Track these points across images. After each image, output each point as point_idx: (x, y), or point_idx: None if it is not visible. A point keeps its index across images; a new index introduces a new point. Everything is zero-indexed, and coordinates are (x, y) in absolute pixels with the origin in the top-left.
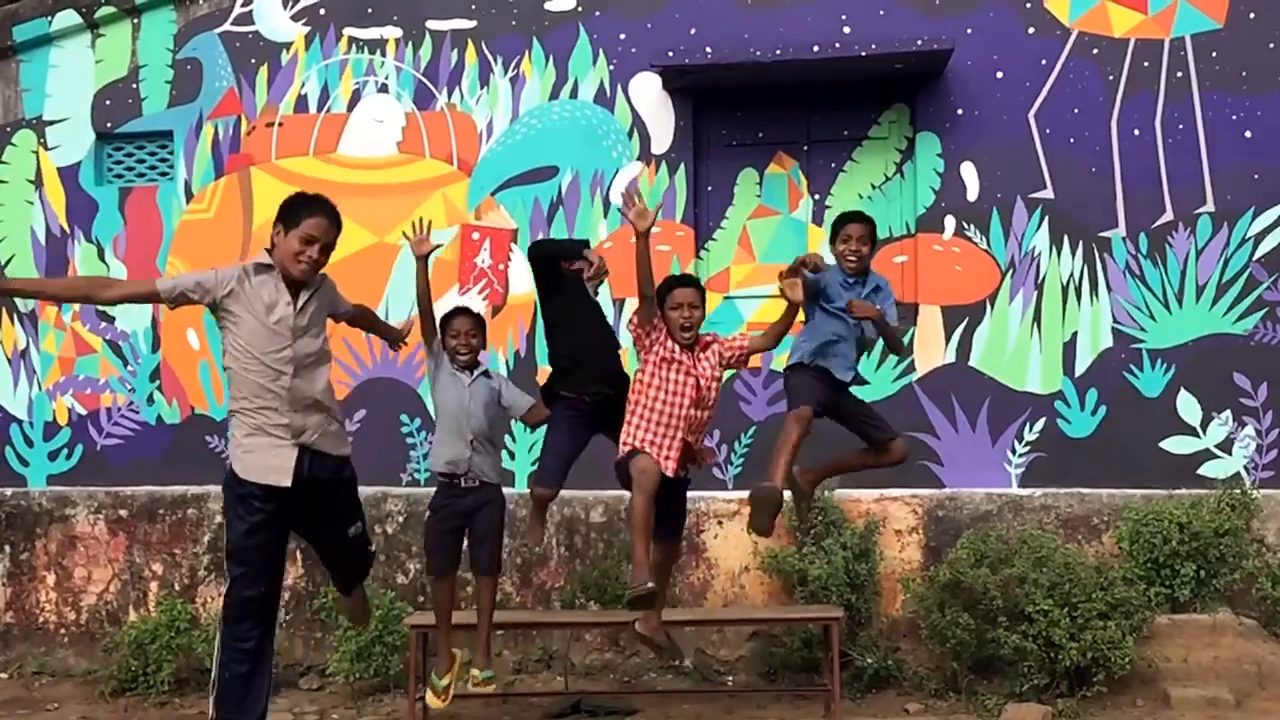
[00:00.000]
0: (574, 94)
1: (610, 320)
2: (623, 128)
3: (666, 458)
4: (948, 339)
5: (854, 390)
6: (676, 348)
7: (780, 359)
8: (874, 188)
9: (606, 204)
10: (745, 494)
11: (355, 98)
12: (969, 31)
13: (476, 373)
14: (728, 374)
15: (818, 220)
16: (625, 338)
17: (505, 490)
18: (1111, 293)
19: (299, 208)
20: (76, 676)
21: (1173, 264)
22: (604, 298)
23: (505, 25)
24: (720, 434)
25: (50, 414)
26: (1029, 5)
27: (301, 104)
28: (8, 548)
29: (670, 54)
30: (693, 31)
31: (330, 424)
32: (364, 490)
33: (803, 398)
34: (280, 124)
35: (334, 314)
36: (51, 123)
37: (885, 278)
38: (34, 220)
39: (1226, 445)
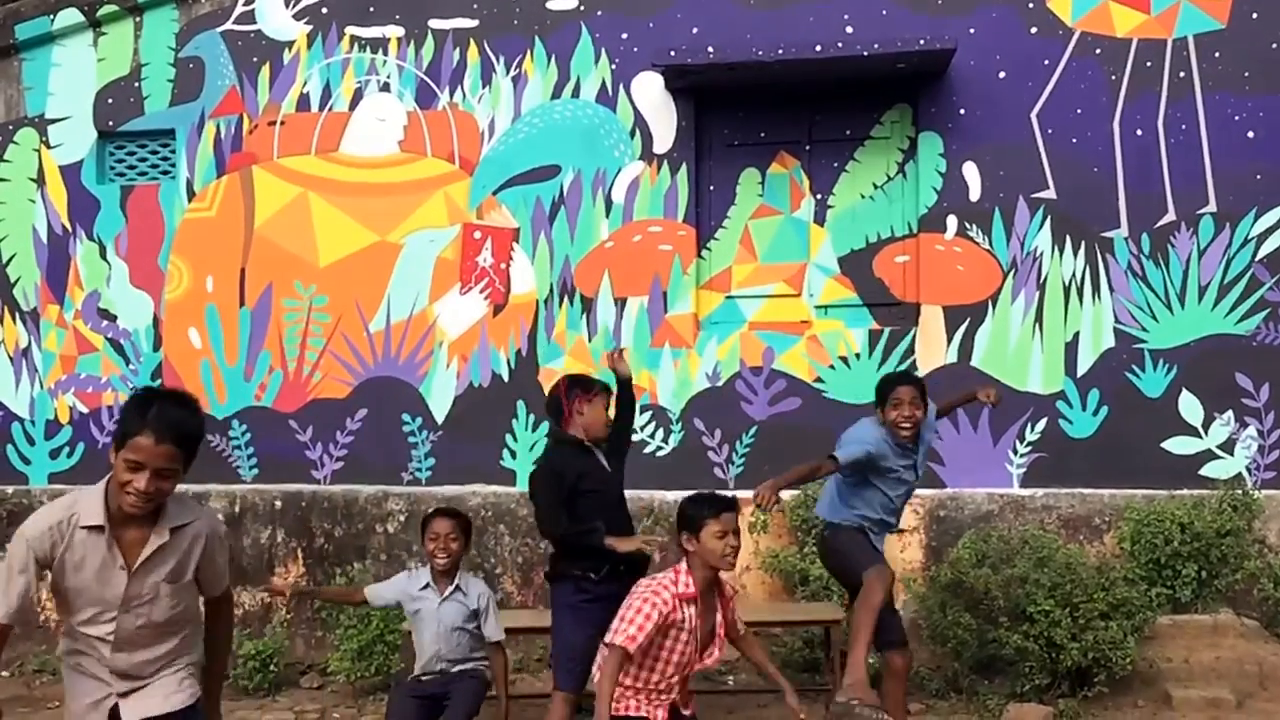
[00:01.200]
0: (576, 93)
1: (612, 323)
2: (624, 127)
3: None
4: (949, 339)
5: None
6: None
7: (784, 359)
8: (876, 187)
9: (608, 203)
10: (745, 493)
11: (357, 97)
12: (971, 31)
13: (449, 589)
14: (729, 373)
15: (819, 220)
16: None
17: (506, 489)
18: (1113, 293)
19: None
20: None
21: (1175, 264)
22: (604, 296)
23: (507, 24)
24: (721, 434)
25: (52, 412)
26: (1031, 5)
27: (303, 103)
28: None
29: (672, 53)
30: (695, 31)
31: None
32: (365, 489)
33: (871, 555)
34: (282, 123)
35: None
36: (53, 121)
37: (931, 415)
38: (36, 219)
39: (1228, 446)
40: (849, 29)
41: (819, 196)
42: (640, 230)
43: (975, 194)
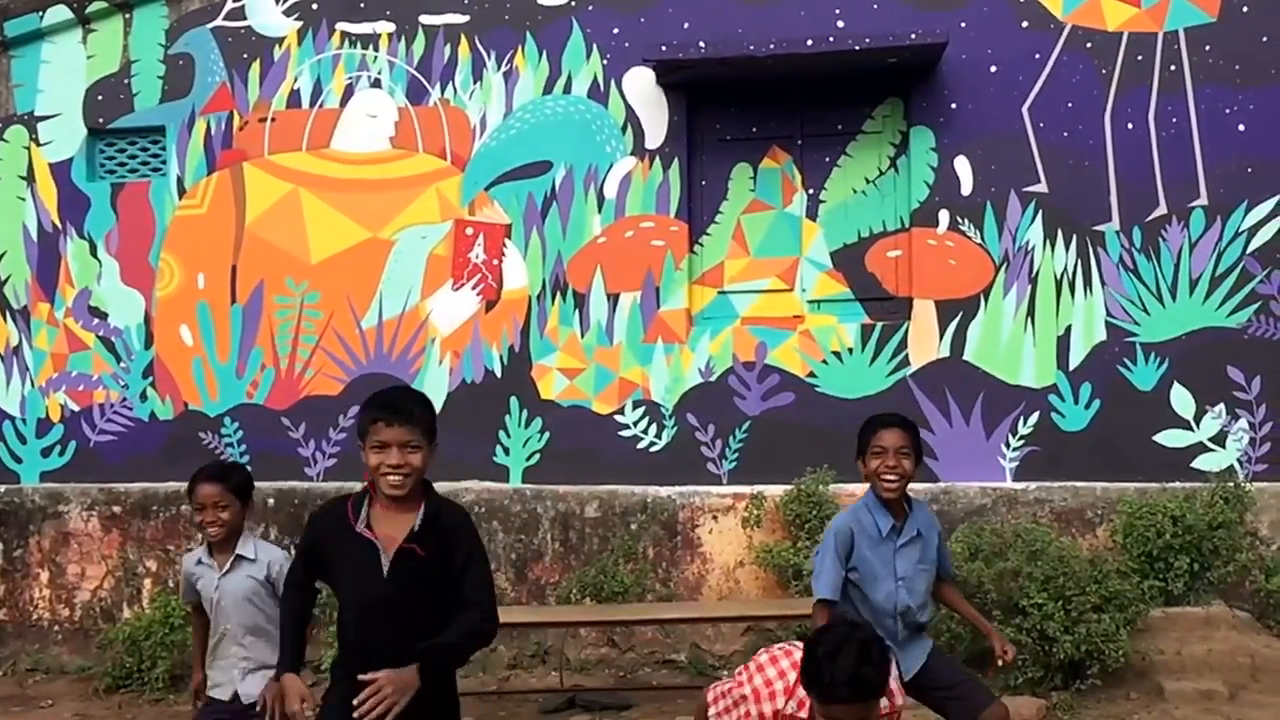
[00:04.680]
0: (567, 88)
1: (604, 318)
2: (616, 122)
3: None
4: (942, 333)
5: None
6: None
7: (777, 353)
8: (868, 182)
9: (600, 199)
10: (739, 488)
11: (348, 93)
12: (962, 25)
13: (230, 561)
14: (722, 368)
15: (811, 215)
16: None
17: (499, 485)
18: (1105, 286)
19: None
20: (71, 673)
21: (1166, 257)
22: (598, 291)
23: (498, 19)
24: (714, 429)
25: (43, 410)
26: None
27: (294, 99)
28: (1, 544)
29: (664, 48)
30: (686, 26)
31: None
32: (358, 486)
33: None
34: (273, 119)
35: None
36: (43, 118)
37: (931, 513)
38: (26, 216)
39: (1220, 438)
40: (840, 23)
41: (811, 191)
42: (632, 226)
43: (967, 188)
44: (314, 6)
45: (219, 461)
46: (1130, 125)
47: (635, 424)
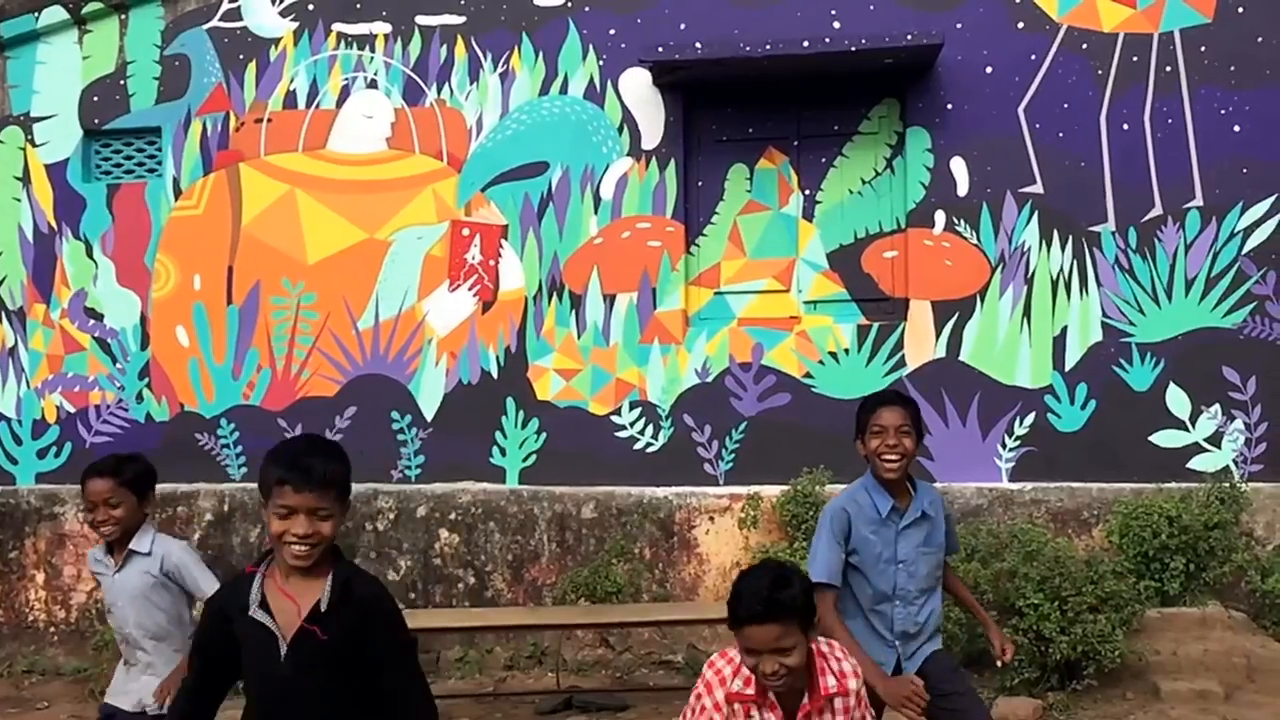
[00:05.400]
0: (564, 89)
1: (601, 319)
2: (613, 123)
3: None
4: (938, 334)
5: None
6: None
7: (773, 354)
8: (864, 183)
9: (597, 199)
10: (736, 489)
11: (344, 93)
12: (958, 26)
13: (125, 556)
14: (718, 369)
15: (808, 215)
16: None
17: (496, 486)
18: (1101, 287)
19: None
20: (66, 675)
21: (1162, 258)
22: (593, 292)
23: (495, 20)
24: (710, 430)
25: (39, 412)
26: (1018, 0)
27: (290, 100)
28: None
29: (660, 49)
30: (683, 26)
31: None
32: (354, 487)
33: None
34: (269, 120)
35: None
36: (39, 119)
37: (936, 492)
38: (22, 218)
39: (1215, 439)
40: (836, 24)
41: (807, 192)
42: (629, 226)
43: (963, 189)
44: (310, 7)
45: (114, 455)
46: (1126, 126)
47: (632, 425)
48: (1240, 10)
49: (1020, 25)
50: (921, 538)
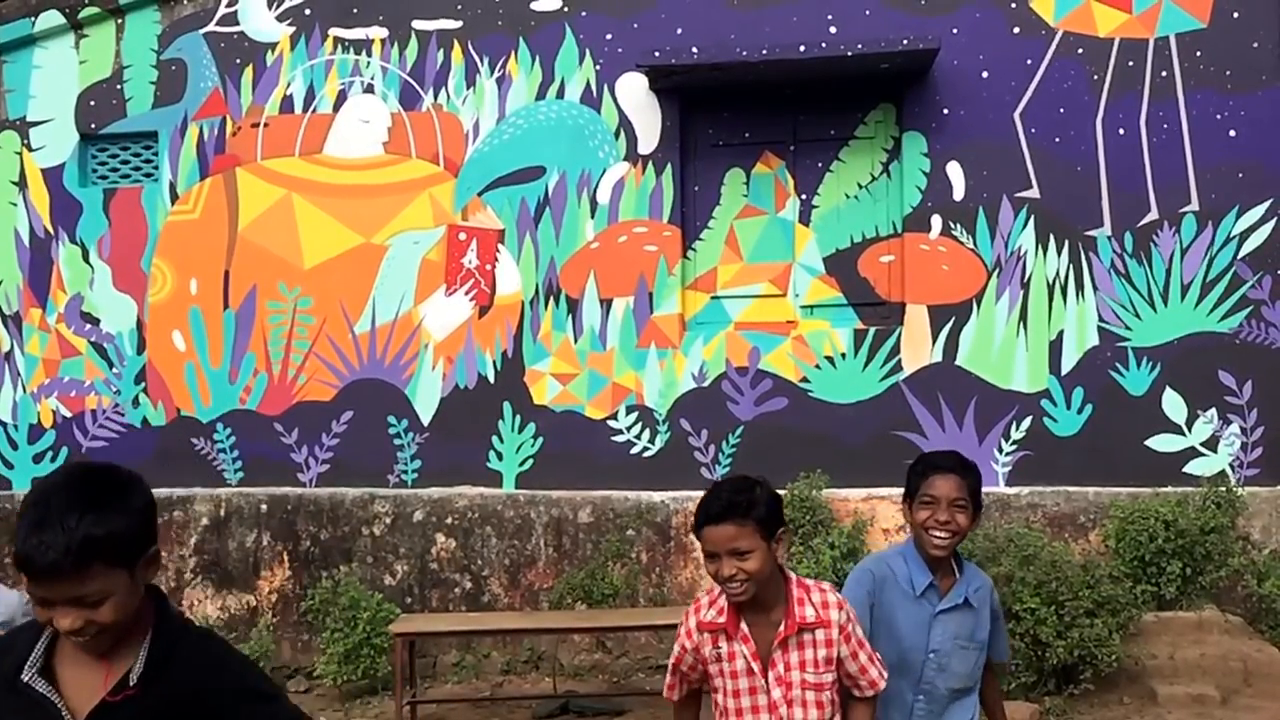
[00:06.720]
0: (560, 94)
1: (598, 323)
2: (609, 128)
3: None
4: (934, 338)
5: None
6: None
7: (770, 358)
8: (860, 187)
9: (593, 204)
10: None
11: (341, 98)
12: (954, 31)
13: None
14: (715, 373)
15: (804, 220)
16: None
17: (493, 490)
18: (1097, 291)
19: None
20: None
21: (1158, 262)
22: (590, 297)
23: (491, 25)
24: (707, 434)
25: (35, 416)
26: (1014, 5)
27: (287, 104)
28: None
29: (657, 54)
30: (679, 31)
31: None
32: (351, 492)
33: None
34: (266, 124)
35: None
36: (35, 124)
37: (986, 578)
38: (18, 222)
39: (1212, 443)
40: (833, 29)
41: (804, 196)
42: (625, 231)
43: (959, 193)
44: (307, 12)
45: None
46: (1122, 131)
47: (628, 429)
48: (1235, 15)
49: (1016, 30)
50: (960, 628)
